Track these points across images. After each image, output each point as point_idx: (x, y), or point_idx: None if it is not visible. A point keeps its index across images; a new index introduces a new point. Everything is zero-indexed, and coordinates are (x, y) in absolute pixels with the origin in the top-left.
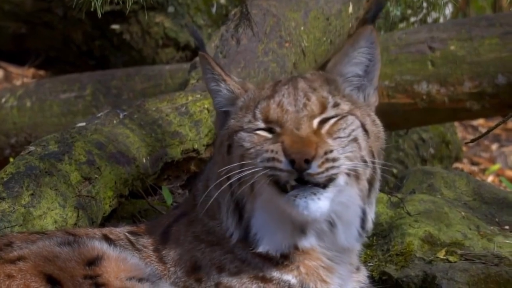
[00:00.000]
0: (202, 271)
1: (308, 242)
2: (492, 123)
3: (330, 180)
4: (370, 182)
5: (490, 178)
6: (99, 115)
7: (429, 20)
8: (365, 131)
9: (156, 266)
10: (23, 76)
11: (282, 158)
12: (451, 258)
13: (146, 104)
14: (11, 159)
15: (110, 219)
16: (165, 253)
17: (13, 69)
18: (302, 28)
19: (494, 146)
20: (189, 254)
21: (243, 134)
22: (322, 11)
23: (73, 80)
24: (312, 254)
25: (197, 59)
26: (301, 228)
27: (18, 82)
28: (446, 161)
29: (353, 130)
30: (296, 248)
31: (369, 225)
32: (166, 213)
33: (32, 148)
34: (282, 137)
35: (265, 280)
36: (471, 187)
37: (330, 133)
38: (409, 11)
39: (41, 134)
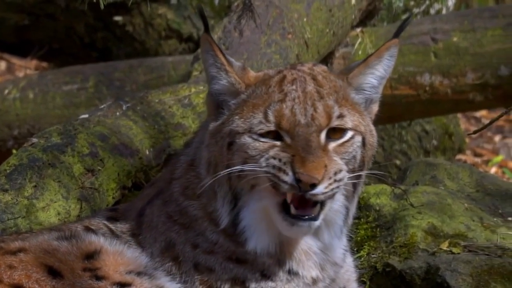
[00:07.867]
0: (176, 248)
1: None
2: (495, 115)
3: (331, 196)
4: (354, 185)
5: (493, 170)
6: (102, 107)
7: (432, 11)
8: (364, 144)
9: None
10: (26, 67)
11: (289, 172)
12: (454, 250)
13: (149, 96)
14: (14, 151)
15: None
16: (141, 238)
17: (16, 61)
18: (305, 19)
19: (497, 138)
20: (164, 235)
21: (248, 140)
22: (324, 2)
23: (76, 71)
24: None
25: (199, 51)
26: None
27: (20, 74)
28: (449, 153)
29: (355, 149)
30: (281, 244)
31: (350, 220)
32: (141, 193)
33: (35, 140)
34: (293, 151)
35: (239, 261)
36: (474, 179)
37: (336, 152)
38: (412, 2)
39: (44, 126)
